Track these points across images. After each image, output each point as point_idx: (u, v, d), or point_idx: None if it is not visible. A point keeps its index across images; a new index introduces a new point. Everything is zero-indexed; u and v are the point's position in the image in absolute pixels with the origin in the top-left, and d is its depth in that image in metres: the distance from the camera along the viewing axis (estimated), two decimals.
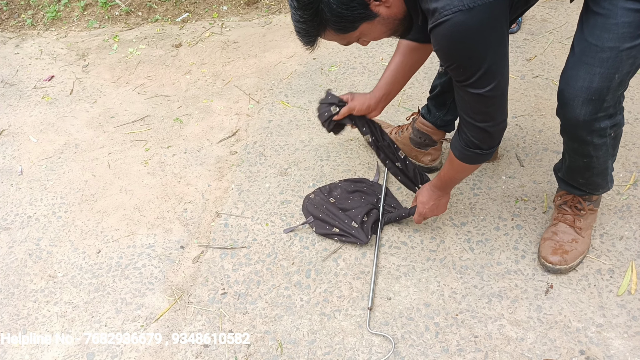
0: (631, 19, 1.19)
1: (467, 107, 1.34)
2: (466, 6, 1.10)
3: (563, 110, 1.37)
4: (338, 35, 1.26)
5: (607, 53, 1.24)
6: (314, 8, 1.17)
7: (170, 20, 3.30)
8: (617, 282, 1.63)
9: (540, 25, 2.74)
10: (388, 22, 1.25)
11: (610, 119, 1.36)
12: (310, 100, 2.50)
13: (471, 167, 1.53)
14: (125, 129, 2.51)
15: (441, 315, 1.61)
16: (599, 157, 1.45)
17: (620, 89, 1.31)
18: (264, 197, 2.05)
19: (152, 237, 1.97)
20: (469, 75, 1.22)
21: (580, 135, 1.39)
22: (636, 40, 1.22)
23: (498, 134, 1.42)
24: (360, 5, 1.18)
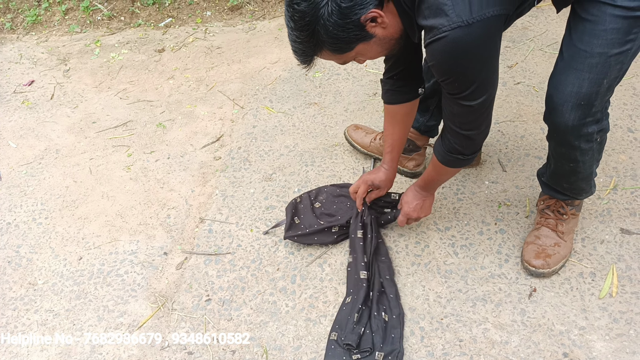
0: (619, 25, 1.21)
1: (455, 117, 1.35)
2: (465, 22, 1.10)
3: (552, 115, 1.39)
4: (334, 55, 1.26)
5: (596, 59, 1.26)
6: (310, 29, 1.18)
7: (153, 25, 3.28)
8: (598, 285, 1.66)
9: (521, 33, 2.78)
10: (384, 42, 1.26)
11: (597, 124, 1.38)
12: (295, 106, 2.50)
13: (453, 170, 1.56)
14: (107, 134, 2.48)
15: (426, 320, 1.62)
16: (585, 162, 1.47)
17: (608, 94, 1.33)
18: (249, 202, 2.04)
19: (135, 244, 1.95)
20: (463, 88, 1.24)
21: (569, 140, 1.41)
22: (624, 46, 1.24)
23: (481, 140, 1.44)
24: (356, 27, 1.18)
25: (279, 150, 2.27)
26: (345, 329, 1.56)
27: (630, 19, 1.21)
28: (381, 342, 1.54)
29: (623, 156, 2.05)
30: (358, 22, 1.17)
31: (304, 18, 1.16)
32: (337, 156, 2.22)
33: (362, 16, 1.16)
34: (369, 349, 1.53)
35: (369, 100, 2.49)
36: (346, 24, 1.17)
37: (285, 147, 2.29)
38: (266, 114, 2.48)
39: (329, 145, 2.27)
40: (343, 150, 2.24)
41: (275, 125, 2.41)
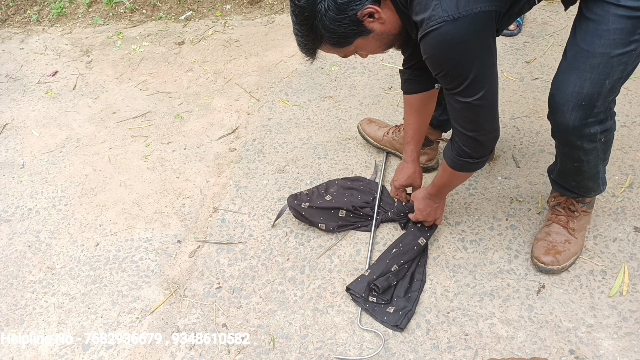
0: (622, 25, 1.20)
1: (457, 115, 1.36)
2: (451, 17, 1.13)
3: (553, 115, 1.38)
4: (335, 49, 1.31)
5: (598, 59, 1.25)
6: (309, 24, 1.23)
7: (173, 18, 3.33)
8: (609, 284, 1.64)
9: (541, 28, 2.74)
10: (382, 38, 1.29)
11: (600, 125, 1.37)
12: (310, 99, 2.52)
13: (464, 175, 1.55)
14: (126, 125, 2.53)
15: (432, 313, 1.62)
16: (589, 162, 1.46)
17: (611, 94, 1.32)
18: (262, 193, 2.07)
19: (150, 231, 2.00)
20: (457, 83, 1.24)
21: (571, 140, 1.40)
22: (627, 47, 1.23)
23: (489, 143, 1.43)
24: (353, 22, 1.22)
25: (293, 142, 2.30)
26: (380, 274, 1.68)
27: (635, 19, 1.19)
28: (396, 298, 1.65)
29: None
30: (355, 17, 1.21)
31: (303, 13, 1.22)
32: (350, 149, 2.23)
33: (359, 12, 1.20)
34: (387, 300, 1.65)
35: (384, 94, 2.49)
36: (343, 19, 1.20)
37: (299, 140, 2.31)
38: (281, 107, 2.51)
39: (343, 139, 2.28)
40: (356, 144, 2.25)
41: (290, 118, 2.44)
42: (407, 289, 1.68)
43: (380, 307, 1.64)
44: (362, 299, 1.65)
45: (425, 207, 1.73)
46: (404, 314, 1.60)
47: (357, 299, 1.66)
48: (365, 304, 1.65)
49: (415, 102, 1.71)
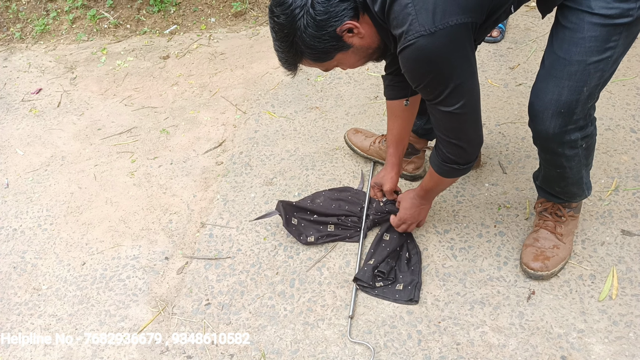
0: (597, 33, 1.21)
1: (440, 124, 1.37)
2: (428, 31, 1.13)
3: (533, 122, 1.39)
4: (316, 63, 1.32)
5: (575, 66, 1.26)
6: (290, 40, 1.24)
7: (158, 32, 3.32)
8: (598, 288, 1.64)
9: (524, 33, 2.77)
10: (362, 52, 1.31)
11: (580, 131, 1.38)
12: (297, 110, 2.52)
13: (451, 180, 1.56)
14: (111, 141, 2.51)
15: (424, 323, 1.61)
16: (572, 168, 1.46)
17: (589, 101, 1.32)
18: (249, 207, 2.06)
19: (137, 249, 1.97)
20: (437, 94, 1.26)
21: (552, 147, 1.41)
22: (603, 54, 1.24)
23: (473, 150, 1.44)
24: (333, 38, 1.23)
25: (280, 154, 2.29)
26: (382, 260, 1.75)
27: (609, 27, 1.20)
28: (401, 274, 1.73)
29: (625, 157, 2.03)
30: (334, 33, 1.22)
31: (282, 30, 1.23)
32: (337, 160, 2.22)
33: (338, 28, 1.21)
34: (393, 279, 1.73)
35: (370, 104, 2.50)
36: (322, 35, 1.21)
37: (286, 152, 2.30)
38: (268, 119, 2.50)
39: (330, 149, 2.28)
40: (343, 154, 2.24)
41: (276, 129, 2.43)
42: (407, 264, 1.76)
43: (388, 287, 1.71)
44: (370, 287, 1.71)
45: (411, 207, 1.74)
46: (414, 287, 1.69)
47: (366, 287, 1.71)
48: (374, 290, 1.71)
49: (396, 107, 1.72)
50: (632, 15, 1.19)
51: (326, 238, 1.87)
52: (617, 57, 1.27)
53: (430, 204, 1.76)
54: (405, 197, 1.77)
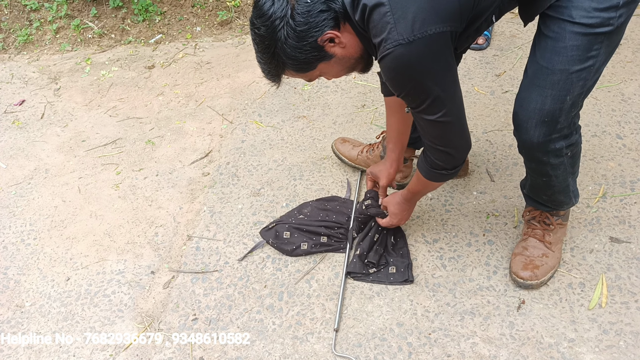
0: (579, 42, 1.22)
1: (425, 132, 1.37)
2: (406, 40, 1.13)
3: (518, 132, 1.40)
4: (299, 74, 1.31)
5: (558, 75, 1.26)
6: (271, 52, 1.23)
7: (143, 42, 3.29)
8: (588, 296, 1.64)
9: (509, 40, 2.78)
10: (344, 61, 1.31)
11: (565, 140, 1.38)
12: (284, 120, 2.50)
13: (438, 184, 1.56)
14: (96, 153, 2.48)
15: (414, 335, 1.60)
16: (558, 176, 1.46)
17: (572, 110, 1.33)
18: (237, 218, 2.03)
19: (122, 263, 1.94)
20: (419, 103, 1.25)
21: (537, 156, 1.41)
22: (585, 63, 1.24)
23: (460, 155, 1.43)
24: (314, 48, 1.22)
25: (268, 164, 2.27)
26: (369, 249, 1.80)
27: (590, 36, 1.20)
28: (392, 258, 1.79)
29: (612, 163, 2.04)
30: (315, 43, 1.21)
31: (263, 42, 1.23)
32: (325, 169, 2.21)
33: (319, 38, 1.21)
34: (384, 263, 1.78)
35: (357, 113, 2.49)
36: (303, 46, 1.21)
37: (273, 162, 2.28)
38: (255, 129, 2.48)
39: (318, 159, 2.26)
40: (331, 164, 2.23)
41: (263, 139, 2.41)
42: (394, 249, 1.82)
43: (381, 272, 1.77)
44: (364, 275, 1.76)
45: (401, 212, 1.75)
46: (406, 268, 1.75)
47: (360, 277, 1.76)
48: (368, 277, 1.76)
49: (394, 103, 1.72)
50: (613, 25, 1.20)
51: (320, 247, 1.86)
52: (600, 66, 1.27)
53: (414, 205, 1.77)
54: (391, 201, 1.77)
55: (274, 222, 1.94)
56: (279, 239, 1.87)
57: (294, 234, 1.89)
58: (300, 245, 1.86)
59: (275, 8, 1.18)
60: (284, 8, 1.18)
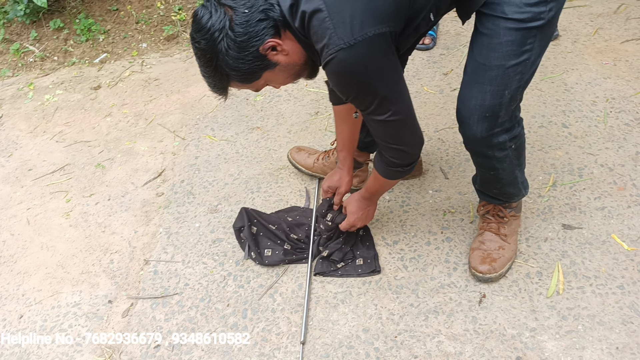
0: (513, 37, 1.25)
1: (377, 132, 1.37)
2: (347, 43, 1.13)
3: (462, 128, 1.42)
4: (244, 85, 1.30)
5: (495, 71, 1.29)
6: (214, 64, 1.22)
7: (87, 62, 3.20)
8: (545, 284, 1.67)
9: (455, 39, 2.83)
10: (289, 69, 1.30)
11: (508, 133, 1.41)
12: (238, 132, 2.47)
13: (395, 181, 1.58)
14: (44, 181, 2.39)
15: (380, 340, 1.60)
16: (504, 169, 1.50)
17: (512, 103, 1.36)
18: (194, 238, 1.99)
19: (78, 294, 1.87)
20: (367, 104, 1.26)
21: (481, 150, 1.44)
22: (521, 57, 1.27)
23: (414, 151, 1.45)
24: (257, 57, 1.21)
25: (224, 179, 2.23)
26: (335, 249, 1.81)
27: (523, 31, 1.24)
28: (358, 251, 1.82)
29: (560, 152, 2.09)
30: (257, 53, 1.20)
31: (205, 55, 1.21)
32: (283, 180, 2.19)
33: (260, 47, 1.20)
34: (351, 257, 1.81)
35: (311, 120, 2.48)
36: (245, 56, 1.20)
37: (229, 176, 2.25)
38: (208, 143, 2.44)
39: (274, 169, 2.24)
40: (289, 173, 2.21)
41: (218, 154, 2.37)
42: (360, 242, 1.85)
43: (349, 265, 1.80)
44: (333, 271, 1.79)
45: (358, 210, 1.75)
46: (373, 259, 1.79)
47: (329, 274, 1.79)
48: (337, 272, 1.79)
49: (342, 111, 1.73)
50: (544, 18, 1.23)
51: (282, 255, 1.84)
52: (535, 59, 1.31)
53: (375, 204, 1.78)
54: (351, 201, 1.77)
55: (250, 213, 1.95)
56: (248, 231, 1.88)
57: (260, 232, 1.90)
58: (265, 251, 1.84)
59: (214, 20, 1.17)
60: (222, 20, 1.16)
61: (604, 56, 2.54)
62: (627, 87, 2.35)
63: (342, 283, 1.77)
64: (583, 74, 2.46)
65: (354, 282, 1.76)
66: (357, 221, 1.76)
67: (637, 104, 2.25)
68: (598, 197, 1.90)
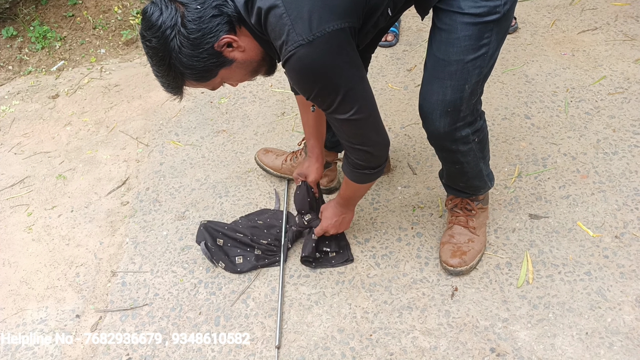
0: (470, 32, 1.26)
1: (341, 132, 1.35)
2: (306, 40, 1.11)
3: (425, 124, 1.43)
4: (200, 83, 1.25)
5: (454, 66, 1.30)
6: (167, 63, 1.17)
7: (44, 70, 3.10)
8: (515, 274, 1.70)
9: (417, 35, 2.85)
10: (246, 65, 1.26)
11: (470, 127, 1.42)
12: (203, 136, 2.43)
13: (366, 186, 1.56)
14: (3, 195, 2.30)
15: (356, 339, 1.59)
16: (469, 162, 1.51)
17: (473, 97, 1.37)
18: (162, 246, 1.95)
19: (44, 311, 1.81)
20: (329, 103, 1.24)
21: (445, 145, 1.45)
22: (479, 51, 1.28)
23: (380, 152, 1.43)
24: (212, 55, 1.17)
25: (190, 185, 2.19)
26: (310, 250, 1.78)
27: (480, 25, 1.25)
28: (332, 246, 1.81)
29: (523, 143, 2.13)
30: (212, 50, 1.17)
31: (157, 54, 1.17)
32: (251, 182, 2.16)
33: (215, 43, 1.16)
34: (327, 251, 1.81)
35: (278, 121, 2.46)
36: (199, 53, 1.16)
37: (196, 181, 2.21)
38: (173, 149, 2.39)
39: (242, 173, 2.21)
40: (257, 176, 2.19)
41: (183, 159, 2.33)
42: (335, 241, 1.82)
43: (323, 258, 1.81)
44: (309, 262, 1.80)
45: (333, 216, 1.72)
46: (345, 249, 1.82)
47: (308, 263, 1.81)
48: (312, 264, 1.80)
49: (304, 100, 1.70)
50: (500, 12, 1.24)
51: (255, 261, 1.82)
52: (493, 53, 1.32)
53: (352, 211, 1.75)
54: (327, 207, 1.76)
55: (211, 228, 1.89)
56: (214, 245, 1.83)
57: (227, 243, 1.85)
58: (236, 259, 1.81)
59: (165, 17, 1.12)
60: (174, 17, 1.12)
61: (563, 47, 2.60)
62: (586, 76, 2.41)
63: (315, 284, 1.75)
64: (543, 65, 2.50)
65: (327, 283, 1.75)
66: (330, 227, 1.74)
67: (595, 93, 2.31)
68: (562, 185, 1.94)
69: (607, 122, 2.16)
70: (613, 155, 2.02)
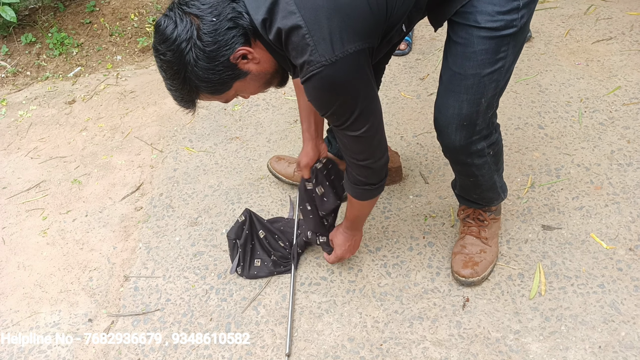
0: (487, 46, 1.25)
1: (348, 148, 1.35)
2: (329, 60, 1.11)
3: (440, 137, 1.43)
4: (214, 96, 1.25)
5: (471, 80, 1.30)
6: (182, 77, 1.16)
7: (61, 76, 3.15)
8: (528, 286, 1.69)
9: (430, 44, 2.85)
10: (260, 77, 1.26)
11: (486, 140, 1.42)
12: (216, 143, 2.45)
13: (370, 203, 1.54)
14: (19, 199, 2.33)
15: (366, 348, 1.59)
16: (483, 175, 1.51)
17: (489, 111, 1.37)
18: (175, 252, 1.96)
19: (57, 314, 1.83)
20: (344, 120, 1.24)
21: (460, 158, 1.45)
22: (495, 65, 1.28)
23: (380, 168, 1.43)
24: (227, 67, 1.17)
25: (203, 191, 2.21)
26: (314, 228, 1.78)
27: (497, 39, 1.25)
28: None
29: (537, 153, 2.12)
30: (228, 62, 1.16)
31: (172, 67, 1.16)
32: (263, 190, 2.18)
33: (231, 56, 1.16)
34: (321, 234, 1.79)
35: (290, 129, 2.47)
36: (215, 66, 1.15)
37: (209, 187, 2.22)
38: (187, 155, 2.42)
39: (255, 180, 2.23)
40: (269, 183, 2.20)
41: (197, 165, 2.35)
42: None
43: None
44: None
45: (345, 242, 1.70)
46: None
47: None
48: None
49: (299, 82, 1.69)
50: (517, 26, 1.24)
51: (272, 267, 1.83)
52: (509, 66, 1.32)
53: (360, 231, 1.73)
54: (336, 234, 1.74)
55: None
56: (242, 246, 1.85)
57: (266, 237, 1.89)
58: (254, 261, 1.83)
59: (180, 31, 1.12)
60: (189, 29, 1.12)
61: (577, 57, 2.58)
62: (600, 86, 2.39)
63: (326, 292, 1.76)
64: (557, 75, 2.49)
65: (338, 291, 1.75)
66: (345, 253, 1.72)
67: (610, 103, 2.29)
68: (576, 196, 1.93)
69: (622, 133, 2.15)
70: (627, 166, 2.00)
